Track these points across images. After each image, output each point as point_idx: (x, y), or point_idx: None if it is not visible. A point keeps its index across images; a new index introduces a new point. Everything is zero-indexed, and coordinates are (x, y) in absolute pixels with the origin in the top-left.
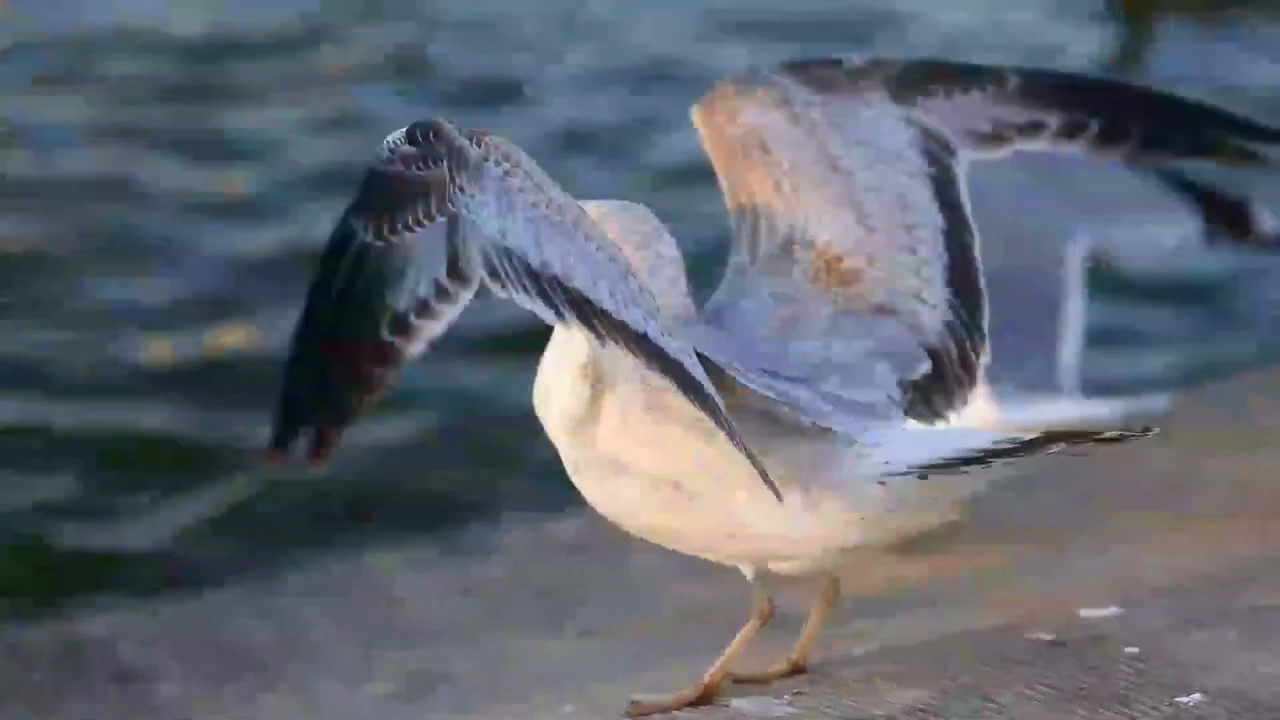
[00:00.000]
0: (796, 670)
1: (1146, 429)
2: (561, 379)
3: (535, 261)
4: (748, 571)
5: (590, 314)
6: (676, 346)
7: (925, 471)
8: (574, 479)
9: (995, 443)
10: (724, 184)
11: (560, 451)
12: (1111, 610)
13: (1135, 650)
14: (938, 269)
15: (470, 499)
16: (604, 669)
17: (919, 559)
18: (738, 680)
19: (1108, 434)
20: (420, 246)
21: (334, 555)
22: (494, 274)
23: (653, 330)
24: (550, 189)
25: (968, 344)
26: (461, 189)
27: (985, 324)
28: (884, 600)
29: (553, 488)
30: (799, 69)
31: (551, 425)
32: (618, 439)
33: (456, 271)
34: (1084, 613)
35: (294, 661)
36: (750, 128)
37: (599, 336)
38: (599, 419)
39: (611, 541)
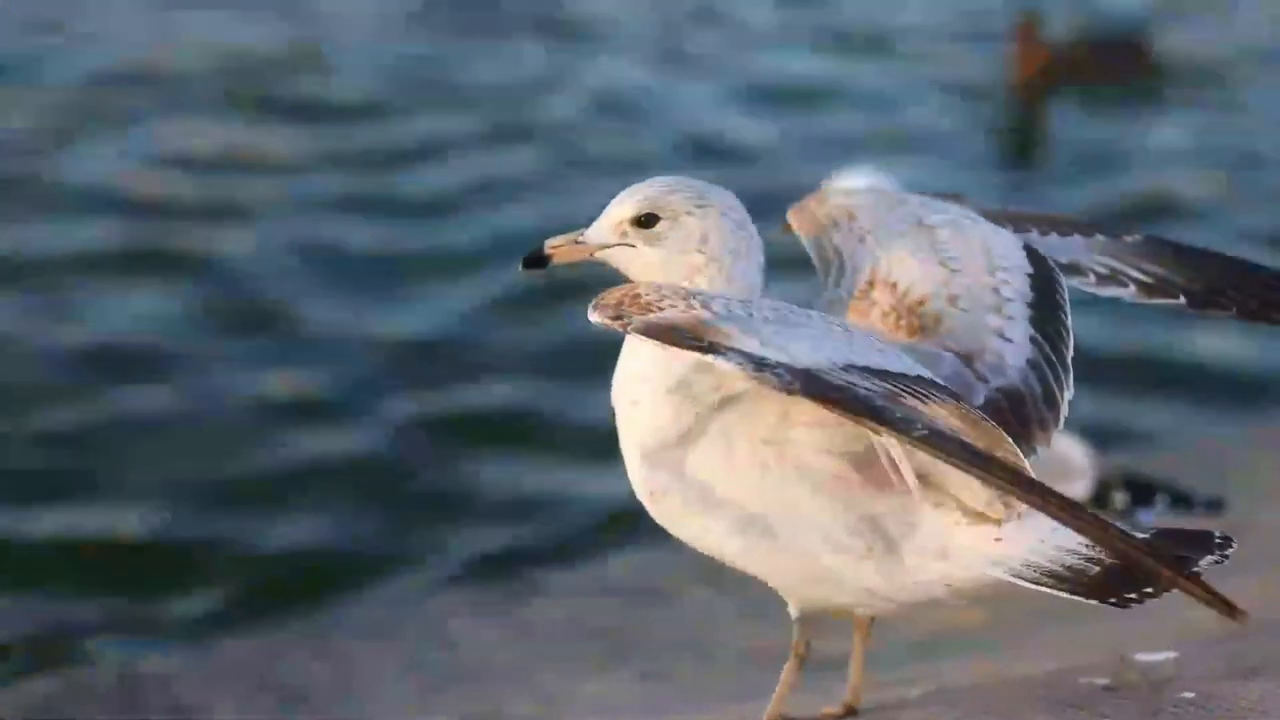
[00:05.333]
0: (850, 712)
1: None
2: (652, 392)
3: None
4: (793, 610)
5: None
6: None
7: (1037, 579)
8: (646, 501)
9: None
10: (813, 254)
11: (632, 470)
12: (1167, 655)
13: (1191, 695)
14: (1020, 307)
15: (527, 539)
16: (661, 710)
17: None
18: None
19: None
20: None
21: (391, 595)
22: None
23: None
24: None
25: (1051, 381)
26: (740, 352)
27: (1070, 361)
28: (939, 643)
29: (611, 528)
30: None
31: (629, 439)
32: (715, 470)
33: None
34: (1140, 657)
35: (350, 701)
36: (839, 205)
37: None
38: (694, 445)
39: (669, 583)
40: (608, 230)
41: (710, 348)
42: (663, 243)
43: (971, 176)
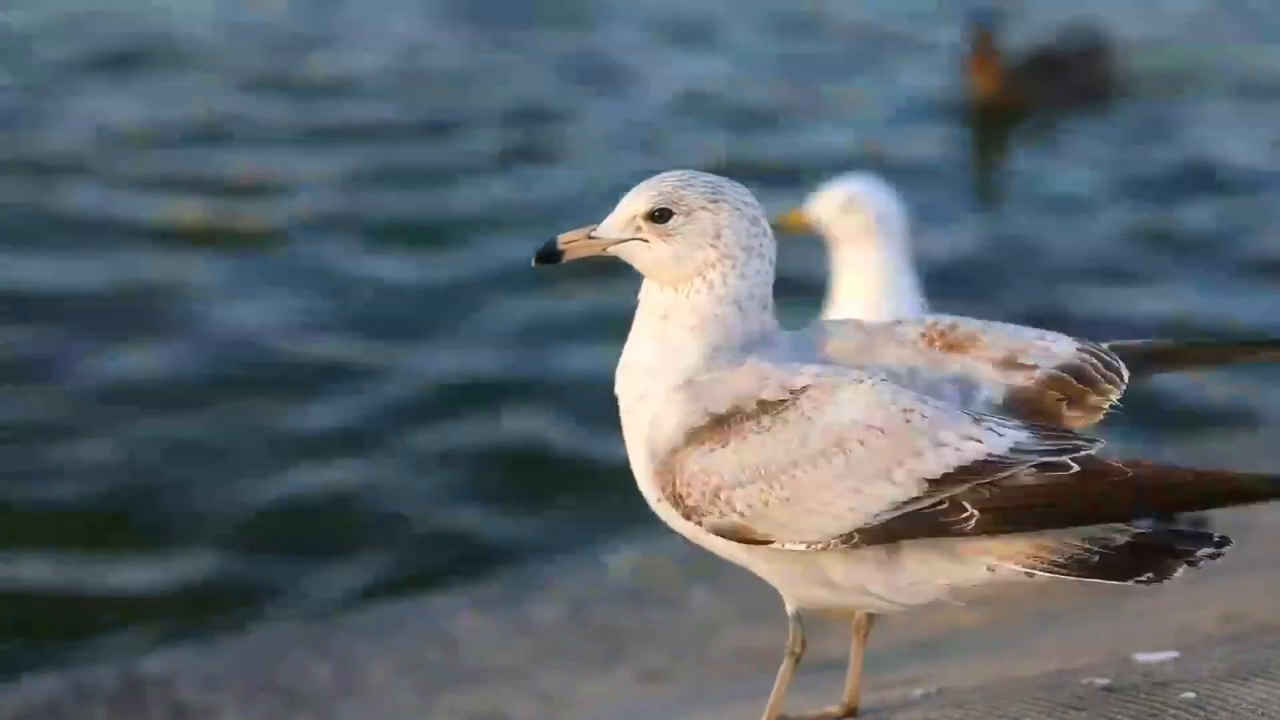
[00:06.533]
0: (850, 712)
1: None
2: (659, 388)
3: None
4: (790, 607)
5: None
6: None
7: (1034, 572)
8: (656, 508)
9: (1099, 545)
10: None
11: (636, 465)
12: (1168, 655)
13: (1191, 696)
14: (1051, 331)
15: (529, 540)
16: (662, 711)
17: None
18: None
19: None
20: None
21: (393, 595)
22: None
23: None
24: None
25: (1104, 355)
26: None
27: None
28: (941, 644)
29: (611, 530)
30: None
31: (635, 434)
32: None
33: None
34: (1140, 657)
35: (352, 701)
36: None
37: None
38: (702, 443)
39: (670, 584)
40: (621, 224)
41: (768, 540)
42: (676, 237)
43: (937, 202)
